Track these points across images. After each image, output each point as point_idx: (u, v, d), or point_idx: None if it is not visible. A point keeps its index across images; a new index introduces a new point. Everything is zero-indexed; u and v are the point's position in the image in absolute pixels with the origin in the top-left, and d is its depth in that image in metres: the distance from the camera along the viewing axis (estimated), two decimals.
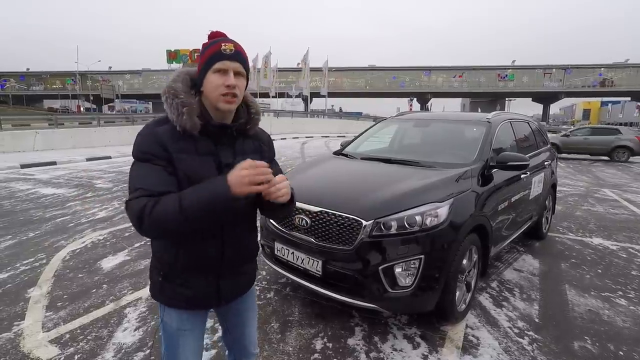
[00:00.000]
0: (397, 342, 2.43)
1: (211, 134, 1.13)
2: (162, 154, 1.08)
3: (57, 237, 4.29)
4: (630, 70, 54.89)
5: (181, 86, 1.13)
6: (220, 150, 1.16)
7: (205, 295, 1.23)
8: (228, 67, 1.10)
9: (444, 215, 2.37)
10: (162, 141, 1.08)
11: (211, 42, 1.12)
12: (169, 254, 1.18)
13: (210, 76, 1.10)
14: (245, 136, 1.24)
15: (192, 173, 1.09)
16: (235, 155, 1.18)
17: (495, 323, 2.67)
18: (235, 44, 1.13)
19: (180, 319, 1.24)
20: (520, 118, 4.28)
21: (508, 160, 2.99)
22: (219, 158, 1.15)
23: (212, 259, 1.19)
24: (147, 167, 1.07)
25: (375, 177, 2.90)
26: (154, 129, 1.10)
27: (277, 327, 2.58)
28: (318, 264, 2.41)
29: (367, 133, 4.17)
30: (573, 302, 3.01)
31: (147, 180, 1.06)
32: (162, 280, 1.22)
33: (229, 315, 1.40)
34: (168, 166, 1.08)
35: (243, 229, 1.26)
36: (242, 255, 1.28)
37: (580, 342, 2.46)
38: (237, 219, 1.21)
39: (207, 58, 1.11)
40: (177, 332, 1.25)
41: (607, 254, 4.12)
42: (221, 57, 1.09)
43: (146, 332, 2.48)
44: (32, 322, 2.57)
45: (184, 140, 1.10)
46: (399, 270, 2.27)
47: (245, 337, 1.44)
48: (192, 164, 1.10)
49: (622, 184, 8.93)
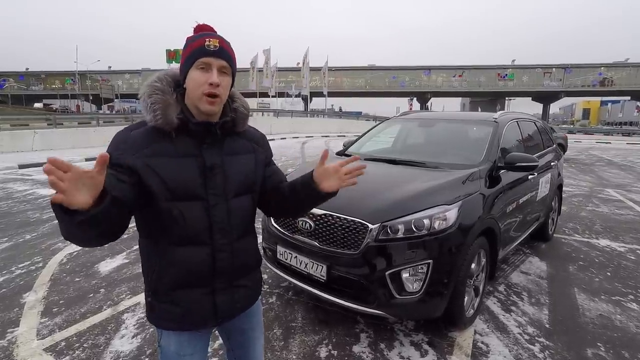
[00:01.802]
0: (404, 350, 2.35)
1: (193, 133, 1.05)
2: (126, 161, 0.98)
3: (54, 240, 4.21)
4: (630, 70, 54.79)
5: (158, 85, 1.05)
6: (205, 150, 1.07)
7: (199, 313, 1.11)
8: (212, 64, 1.02)
9: (453, 219, 2.29)
10: (135, 146, 1.00)
11: (195, 36, 1.05)
12: (154, 268, 1.08)
13: (192, 72, 1.02)
14: (236, 135, 1.15)
15: (170, 177, 1.01)
16: (224, 155, 1.10)
17: (505, 329, 2.59)
18: (221, 39, 1.05)
19: (179, 342, 1.13)
20: (527, 117, 4.20)
21: (516, 160, 2.91)
22: (203, 159, 1.06)
23: (202, 270, 1.08)
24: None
25: (380, 179, 2.81)
26: (127, 133, 1.03)
27: (280, 333, 2.50)
28: (322, 269, 2.33)
29: (370, 133, 4.09)
30: (583, 306, 2.93)
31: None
32: (151, 300, 1.11)
33: (232, 333, 1.29)
34: (123, 173, 0.96)
35: (237, 235, 1.14)
36: (238, 264, 1.15)
37: (594, 349, 2.38)
38: (229, 222, 1.11)
39: (190, 53, 1.03)
40: (176, 358, 1.13)
41: (615, 256, 4.04)
42: (205, 53, 1.02)
43: (144, 339, 2.40)
44: (27, 329, 2.49)
45: (162, 141, 1.02)
46: (406, 275, 2.19)
47: (251, 356, 1.33)
48: (171, 167, 1.01)
49: (625, 183, 8.85)
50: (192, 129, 1.04)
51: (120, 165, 0.97)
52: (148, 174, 0.99)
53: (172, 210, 1.03)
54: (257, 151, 1.21)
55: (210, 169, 1.07)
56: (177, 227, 1.05)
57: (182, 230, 1.05)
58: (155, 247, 1.08)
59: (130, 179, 0.97)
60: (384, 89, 61.54)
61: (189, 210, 1.05)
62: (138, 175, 0.98)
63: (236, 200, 1.13)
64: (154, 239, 1.08)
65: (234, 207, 1.12)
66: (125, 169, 0.97)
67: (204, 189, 1.06)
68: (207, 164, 1.06)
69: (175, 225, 1.04)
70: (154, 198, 1.01)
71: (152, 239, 1.09)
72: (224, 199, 1.10)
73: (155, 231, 1.07)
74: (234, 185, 1.12)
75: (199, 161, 1.05)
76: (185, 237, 1.06)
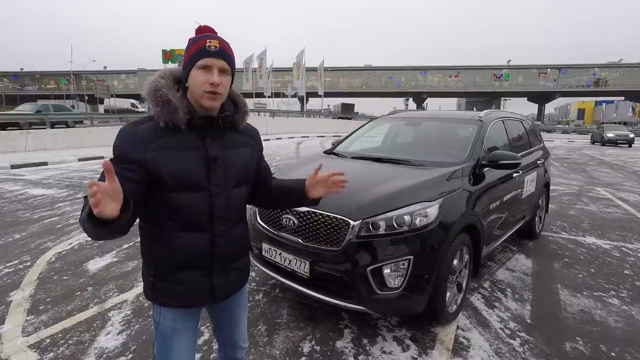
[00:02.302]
0: (387, 345, 2.38)
1: (197, 127, 1.12)
2: (133, 156, 1.05)
3: (43, 239, 4.21)
4: (623, 70, 55.29)
5: (163, 82, 1.12)
6: (208, 143, 1.14)
7: (198, 293, 1.21)
8: (212, 64, 1.09)
9: (434, 215, 2.32)
10: (141, 140, 1.06)
11: (197, 37, 1.11)
12: (157, 252, 1.17)
13: (194, 72, 1.09)
14: (235, 130, 1.24)
15: (177, 170, 1.09)
16: (224, 148, 1.18)
17: (487, 324, 2.63)
18: (221, 40, 1.12)
19: (174, 317, 1.22)
20: (513, 116, 4.25)
21: (499, 158, 2.95)
22: (206, 152, 1.14)
23: (202, 255, 1.18)
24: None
25: (364, 177, 2.84)
26: (135, 128, 1.09)
27: (265, 329, 2.52)
28: (306, 265, 2.36)
29: (358, 132, 4.12)
30: (565, 302, 2.98)
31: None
32: (153, 280, 1.20)
33: (220, 312, 1.38)
34: (131, 171, 1.05)
35: (233, 222, 1.24)
36: (233, 249, 1.26)
37: (572, 343, 2.43)
38: (228, 212, 1.21)
39: (192, 54, 1.10)
40: (170, 331, 1.22)
41: (600, 253, 4.10)
42: (206, 54, 1.08)
43: (130, 336, 2.42)
44: (12, 326, 2.50)
45: (168, 136, 1.09)
46: (387, 271, 2.22)
47: (236, 334, 1.44)
48: (177, 160, 1.09)
49: (615, 182, 8.95)
50: (197, 123, 1.12)
51: (129, 161, 1.05)
52: (155, 167, 1.07)
53: (177, 200, 1.11)
54: (253, 145, 1.32)
55: (213, 160, 1.15)
56: (181, 215, 1.13)
57: (186, 218, 1.14)
58: (159, 232, 1.16)
59: (137, 174, 1.05)
60: (380, 89, 61.72)
61: (193, 200, 1.13)
62: (145, 168, 1.06)
63: (234, 190, 1.23)
64: (158, 225, 1.15)
65: (233, 197, 1.22)
66: (132, 165, 1.05)
67: (207, 180, 1.14)
68: (210, 156, 1.14)
69: (179, 213, 1.13)
70: (160, 188, 1.10)
71: (156, 224, 1.16)
72: (224, 189, 1.19)
73: (159, 218, 1.15)
74: (233, 176, 1.21)
75: (202, 154, 1.13)
76: (188, 224, 1.14)
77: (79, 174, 8.76)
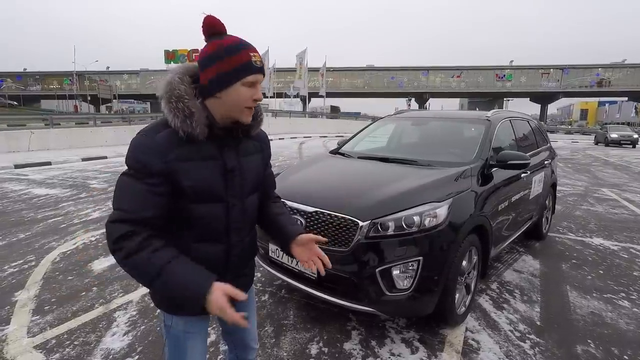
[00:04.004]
0: (395, 347, 2.35)
1: (216, 137, 1.08)
2: (156, 167, 0.99)
3: (48, 239, 4.20)
4: (627, 71, 55.00)
5: (184, 88, 1.03)
6: (225, 153, 1.11)
7: None
8: (257, 80, 1.05)
9: (443, 216, 2.29)
10: (161, 151, 0.99)
11: (237, 47, 1.03)
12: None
13: (240, 88, 1.03)
14: (248, 137, 1.21)
15: (196, 180, 1.04)
16: (239, 156, 1.15)
17: (496, 326, 2.60)
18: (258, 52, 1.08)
19: (185, 322, 1.20)
20: (520, 116, 4.21)
21: (508, 158, 2.92)
22: (224, 162, 1.10)
23: (217, 265, 1.15)
24: (133, 183, 0.99)
25: (372, 177, 2.82)
26: (153, 137, 1.01)
27: (272, 331, 2.50)
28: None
29: (364, 132, 4.10)
30: (575, 304, 2.94)
31: (131, 201, 0.99)
32: None
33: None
34: (158, 185, 1.00)
35: (247, 231, 1.24)
36: (245, 257, 1.26)
37: (584, 345, 2.39)
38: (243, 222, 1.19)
39: (236, 68, 1.02)
40: (184, 335, 1.20)
41: (608, 254, 4.05)
42: (253, 70, 1.03)
43: (135, 337, 2.40)
44: (18, 326, 2.48)
45: (187, 145, 1.03)
46: (396, 272, 2.19)
47: (246, 335, 1.43)
48: (197, 171, 1.04)
49: (621, 183, 8.88)
50: (216, 134, 1.07)
51: (154, 174, 0.99)
52: (177, 178, 1.02)
53: (196, 212, 1.08)
54: (263, 150, 1.28)
55: (231, 171, 1.11)
56: (199, 226, 1.11)
57: (203, 230, 1.11)
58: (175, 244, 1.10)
59: (164, 187, 1.01)
60: (383, 89, 61.62)
61: (211, 211, 1.10)
62: (170, 180, 1.01)
63: (249, 199, 1.20)
64: (175, 236, 1.11)
65: (247, 207, 1.20)
66: (159, 178, 1.00)
67: (224, 191, 1.11)
68: (228, 166, 1.11)
69: (197, 225, 1.10)
70: (179, 200, 1.05)
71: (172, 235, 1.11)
72: (240, 200, 1.16)
73: (176, 228, 1.10)
74: (248, 185, 1.19)
75: (220, 164, 1.09)
76: (205, 235, 1.12)
77: (82, 173, 8.77)
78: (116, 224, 0.97)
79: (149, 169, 0.99)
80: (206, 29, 1.05)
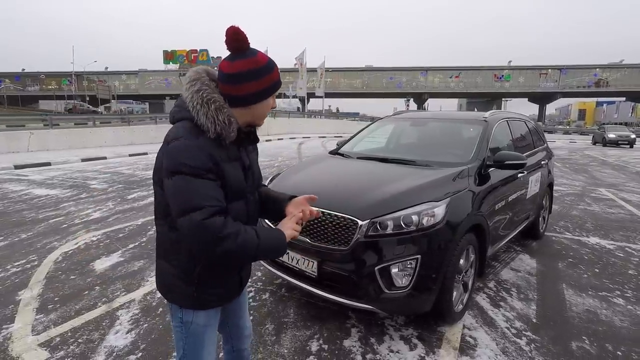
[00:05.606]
0: (394, 344, 2.40)
1: (238, 139, 1.18)
2: (214, 167, 1.08)
3: (49, 239, 4.23)
4: (625, 71, 55.17)
5: (219, 97, 1.12)
6: (242, 153, 1.23)
7: (234, 289, 1.32)
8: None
9: (441, 215, 2.34)
10: (209, 152, 1.08)
11: (271, 66, 1.16)
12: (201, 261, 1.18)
13: (270, 100, 1.20)
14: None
15: (232, 179, 1.15)
16: (248, 155, 1.27)
17: (493, 323, 2.65)
18: None
19: (206, 315, 1.27)
20: (517, 117, 4.27)
21: (505, 159, 2.97)
22: (242, 161, 1.22)
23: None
24: (203, 183, 1.06)
25: (371, 177, 2.86)
26: (197, 139, 1.07)
27: (272, 328, 2.54)
28: (313, 265, 2.38)
29: (363, 132, 4.14)
30: (571, 301, 2.99)
31: (206, 196, 1.06)
32: (196, 289, 1.20)
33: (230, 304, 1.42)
34: (216, 179, 1.10)
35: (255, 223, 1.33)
36: None
37: (579, 342, 2.44)
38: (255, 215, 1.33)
39: (271, 85, 1.17)
40: (203, 329, 1.27)
41: (604, 253, 4.11)
42: (279, 85, 1.22)
43: (139, 334, 2.44)
44: (22, 325, 2.52)
45: (219, 147, 1.12)
46: (395, 270, 2.24)
47: (242, 323, 1.51)
48: (232, 172, 1.15)
49: (618, 183, 8.95)
50: (241, 136, 1.18)
51: (212, 172, 1.08)
52: (222, 178, 1.12)
53: (231, 210, 1.15)
54: (256, 147, 1.40)
55: (249, 169, 1.25)
56: None
57: None
58: None
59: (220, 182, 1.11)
60: (381, 89, 61.65)
61: (239, 208, 1.21)
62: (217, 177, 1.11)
63: (257, 193, 1.35)
64: None
65: (257, 199, 1.34)
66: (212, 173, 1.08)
67: (246, 188, 1.24)
68: (246, 165, 1.24)
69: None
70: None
71: None
72: (253, 194, 1.30)
73: None
74: (257, 180, 1.34)
75: (241, 163, 1.22)
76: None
77: (82, 174, 8.79)
78: (210, 219, 1.03)
79: (206, 165, 1.06)
80: (230, 42, 1.10)
